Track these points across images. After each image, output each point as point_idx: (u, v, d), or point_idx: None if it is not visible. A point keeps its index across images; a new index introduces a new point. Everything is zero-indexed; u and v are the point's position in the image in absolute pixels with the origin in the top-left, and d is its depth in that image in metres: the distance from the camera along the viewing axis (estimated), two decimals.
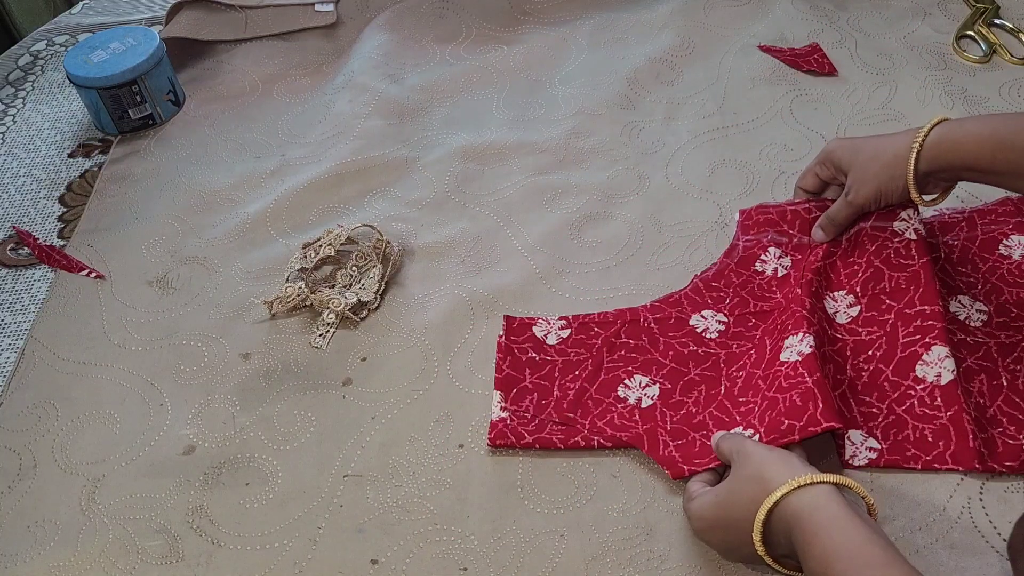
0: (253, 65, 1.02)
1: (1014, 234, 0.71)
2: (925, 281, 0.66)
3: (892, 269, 0.68)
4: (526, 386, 0.67)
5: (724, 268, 0.73)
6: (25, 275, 0.81)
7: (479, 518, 0.60)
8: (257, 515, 0.61)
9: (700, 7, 1.03)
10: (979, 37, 0.95)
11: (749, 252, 0.73)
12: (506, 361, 0.68)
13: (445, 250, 0.79)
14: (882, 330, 0.66)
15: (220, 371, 0.71)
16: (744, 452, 0.54)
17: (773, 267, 0.72)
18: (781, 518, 0.50)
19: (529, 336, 0.70)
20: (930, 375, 0.62)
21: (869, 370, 0.64)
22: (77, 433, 0.68)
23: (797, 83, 0.93)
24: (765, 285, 0.71)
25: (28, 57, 1.08)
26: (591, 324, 0.71)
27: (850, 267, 0.70)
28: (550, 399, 0.66)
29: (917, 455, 0.60)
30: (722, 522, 0.53)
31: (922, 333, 0.64)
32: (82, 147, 0.95)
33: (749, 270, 0.72)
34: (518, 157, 0.88)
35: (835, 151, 0.69)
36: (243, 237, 0.82)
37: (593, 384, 0.67)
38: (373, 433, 0.66)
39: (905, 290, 0.67)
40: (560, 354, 0.69)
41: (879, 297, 0.68)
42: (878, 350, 0.65)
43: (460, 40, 1.04)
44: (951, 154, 0.62)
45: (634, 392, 0.66)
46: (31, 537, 0.61)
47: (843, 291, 0.69)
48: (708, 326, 0.69)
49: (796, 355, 0.62)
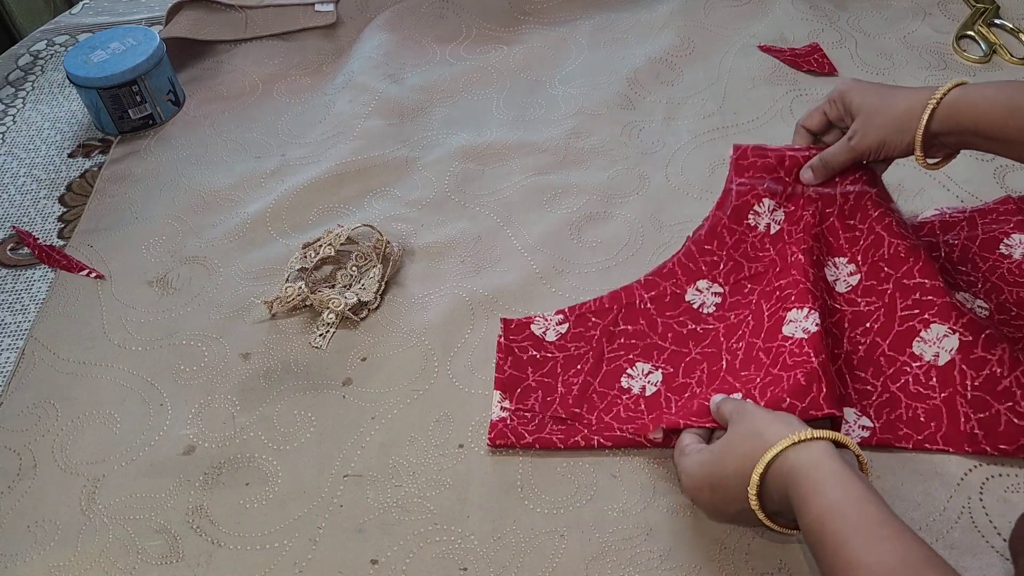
0: (253, 65, 1.02)
1: (1015, 233, 0.71)
2: (925, 257, 0.66)
3: (893, 236, 0.67)
4: (530, 384, 0.67)
5: (717, 223, 0.70)
6: (25, 275, 0.81)
7: (479, 518, 0.60)
8: (257, 515, 0.61)
9: (700, 7, 1.03)
10: (979, 37, 0.95)
11: (743, 200, 0.70)
12: (507, 361, 0.68)
13: (445, 250, 0.79)
14: (880, 301, 0.66)
15: (220, 371, 0.71)
16: (743, 411, 0.55)
17: (766, 222, 0.69)
18: (778, 474, 0.50)
19: (528, 335, 0.70)
20: (928, 354, 0.62)
21: (866, 343, 0.64)
22: (77, 433, 0.68)
23: (797, 83, 0.93)
24: (758, 243, 0.70)
25: (28, 57, 1.08)
26: (588, 314, 0.71)
27: (851, 231, 0.69)
28: (555, 395, 0.66)
29: (908, 434, 0.60)
30: (714, 478, 0.53)
31: (921, 308, 0.64)
32: (82, 147, 0.95)
33: (741, 225, 0.70)
34: (518, 157, 0.88)
35: (848, 91, 0.66)
36: (243, 237, 0.82)
37: (596, 377, 0.67)
38: (373, 433, 0.66)
39: (904, 259, 0.66)
40: (560, 350, 0.69)
41: (878, 264, 0.67)
42: (875, 322, 0.65)
43: (460, 40, 1.04)
44: (964, 115, 0.60)
45: (637, 381, 0.66)
46: (31, 537, 0.61)
47: (844, 258, 0.68)
48: (704, 300, 0.69)
49: (802, 332, 0.62)
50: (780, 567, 0.56)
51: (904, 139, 0.63)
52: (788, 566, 0.56)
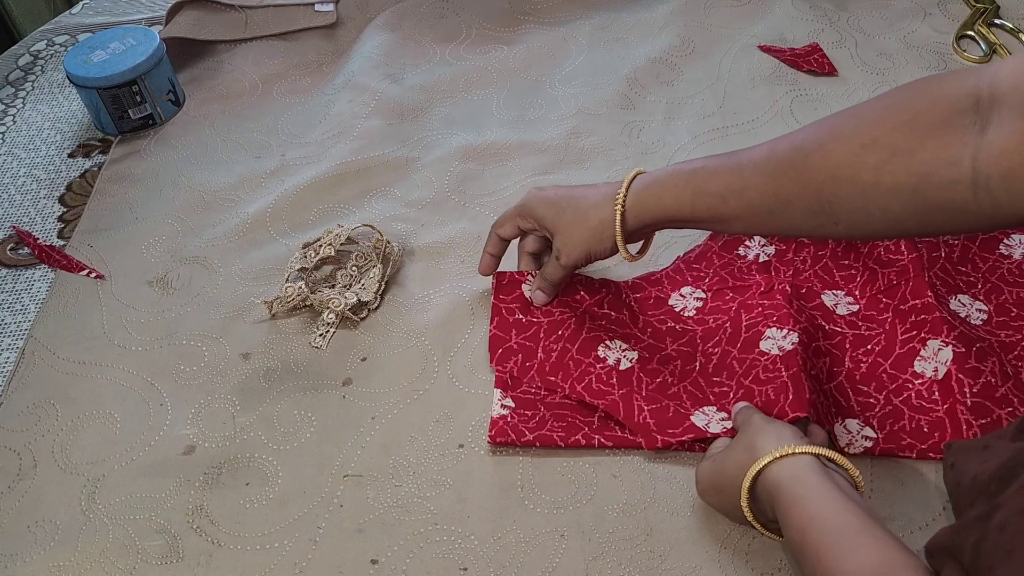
0: (253, 65, 1.02)
1: (1015, 233, 0.71)
2: (914, 273, 0.67)
3: (883, 266, 0.69)
4: (511, 347, 0.68)
5: (707, 251, 0.74)
6: (25, 275, 0.81)
7: (479, 518, 0.60)
8: (257, 515, 0.61)
9: (700, 7, 1.03)
10: (979, 37, 0.95)
11: (735, 237, 0.74)
12: (494, 322, 0.70)
13: (445, 250, 0.79)
14: (881, 328, 0.67)
15: (220, 371, 0.71)
16: (747, 421, 0.57)
17: (755, 253, 0.73)
18: (764, 487, 0.52)
19: (518, 295, 0.71)
20: (928, 371, 0.63)
21: (868, 362, 0.65)
22: (77, 433, 0.68)
23: (797, 83, 0.93)
24: (745, 268, 0.72)
25: (28, 57, 1.08)
26: (577, 285, 0.72)
27: (846, 269, 0.71)
28: (534, 361, 0.68)
29: (912, 444, 0.61)
30: (717, 485, 0.56)
31: (918, 328, 0.65)
32: (82, 147, 0.95)
33: (731, 253, 0.74)
34: (518, 157, 0.88)
35: (536, 208, 0.67)
36: (243, 237, 0.82)
37: (575, 344, 0.68)
38: (373, 433, 0.66)
39: (897, 286, 0.68)
40: (546, 314, 0.70)
41: (876, 297, 0.69)
42: (877, 344, 0.66)
43: (460, 40, 1.04)
44: (654, 210, 0.61)
45: (614, 353, 0.67)
46: (31, 537, 0.61)
47: (842, 291, 0.70)
48: (686, 304, 0.71)
49: (777, 349, 0.63)
50: (780, 567, 0.56)
51: (607, 245, 0.64)
52: (788, 566, 0.56)
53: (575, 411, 0.65)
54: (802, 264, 0.72)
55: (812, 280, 0.70)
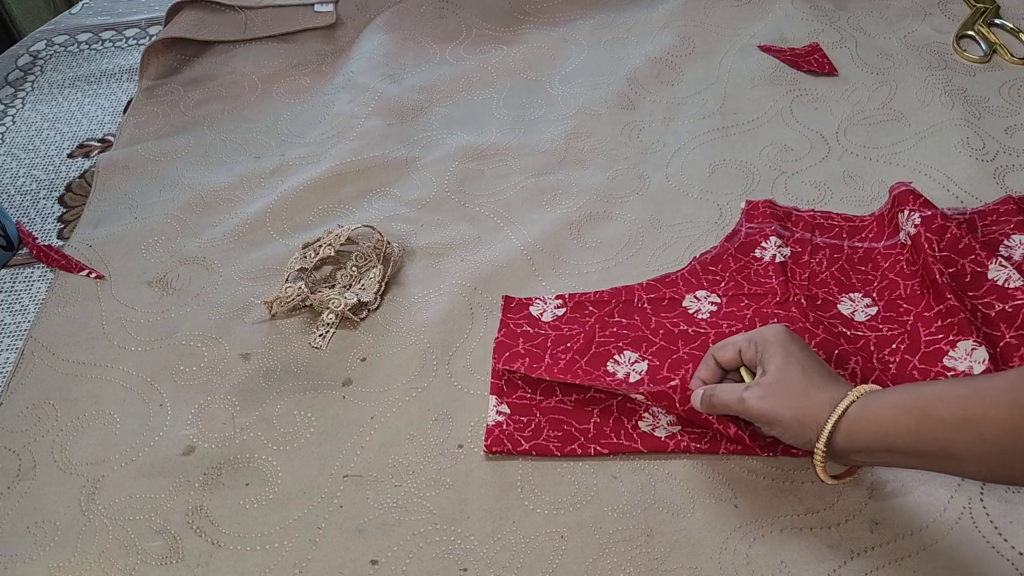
0: (253, 65, 1.02)
1: (1015, 234, 0.71)
2: (931, 280, 0.67)
3: (905, 279, 0.70)
4: (518, 351, 0.69)
5: (723, 252, 0.74)
6: (25, 275, 0.81)
7: (479, 518, 0.60)
8: (257, 515, 0.61)
9: (700, 7, 1.03)
10: (979, 37, 0.95)
11: (750, 239, 0.74)
12: (501, 331, 0.70)
13: (445, 250, 0.79)
14: (903, 328, 0.67)
15: (220, 371, 0.71)
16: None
17: (772, 254, 0.73)
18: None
19: (526, 315, 0.72)
20: (961, 366, 0.63)
21: (896, 361, 0.65)
22: (77, 433, 0.68)
23: (797, 83, 0.93)
24: (762, 271, 0.72)
25: (27, 57, 1.08)
26: (586, 303, 0.72)
27: (863, 274, 0.71)
28: (541, 364, 0.68)
29: None
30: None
31: (945, 332, 0.65)
32: (82, 147, 0.95)
33: (748, 256, 0.74)
34: (518, 157, 0.88)
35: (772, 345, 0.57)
36: (243, 237, 0.82)
37: (584, 356, 0.68)
38: (373, 433, 0.66)
39: (920, 295, 0.68)
40: (554, 329, 0.71)
41: (895, 301, 0.69)
42: (901, 343, 0.66)
43: (460, 40, 1.04)
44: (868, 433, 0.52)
45: (623, 367, 0.67)
46: (31, 537, 0.61)
47: (859, 294, 0.70)
48: (700, 307, 0.71)
49: None
50: (780, 568, 0.56)
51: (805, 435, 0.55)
52: (788, 567, 0.56)
53: (571, 416, 0.64)
54: (818, 266, 0.72)
55: (828, 283, 0.70)
